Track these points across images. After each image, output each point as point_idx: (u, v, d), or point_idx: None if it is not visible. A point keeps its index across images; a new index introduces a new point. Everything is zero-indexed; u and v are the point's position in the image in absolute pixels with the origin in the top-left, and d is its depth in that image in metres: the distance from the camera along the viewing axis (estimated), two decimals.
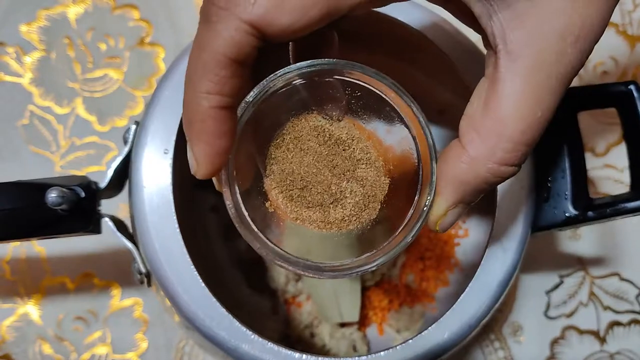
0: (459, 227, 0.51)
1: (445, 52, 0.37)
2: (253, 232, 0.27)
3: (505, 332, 0.52)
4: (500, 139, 0.25)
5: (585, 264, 0.53)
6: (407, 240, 0.27)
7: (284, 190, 0.28)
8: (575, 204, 0.37)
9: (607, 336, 0.52)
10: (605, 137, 0.56)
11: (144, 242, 0.35)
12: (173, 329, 0.51)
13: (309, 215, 0.28)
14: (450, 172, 0.26)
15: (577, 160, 0.37)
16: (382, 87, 0.27)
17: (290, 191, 0.28)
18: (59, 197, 0.32)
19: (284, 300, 0.50)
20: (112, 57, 0.54)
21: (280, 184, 0.28)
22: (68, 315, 0.51)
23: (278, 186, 0.28)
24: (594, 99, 0.38)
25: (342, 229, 0.28)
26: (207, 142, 0.24)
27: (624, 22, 0.57)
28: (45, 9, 0.55)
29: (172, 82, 0.36)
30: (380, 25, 0.38)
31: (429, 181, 0.27)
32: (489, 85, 0.25)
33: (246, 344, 0.33)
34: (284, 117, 0.28)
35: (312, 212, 0.28)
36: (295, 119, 0.28)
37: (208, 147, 0.24)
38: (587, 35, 0.24)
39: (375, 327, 0.50)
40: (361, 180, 0.28)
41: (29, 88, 0.54)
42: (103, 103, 0.54)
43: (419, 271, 0.50)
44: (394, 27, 0.38)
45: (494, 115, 0.25)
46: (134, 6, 0.55)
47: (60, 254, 0.51)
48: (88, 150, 0.53)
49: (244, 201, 0.27)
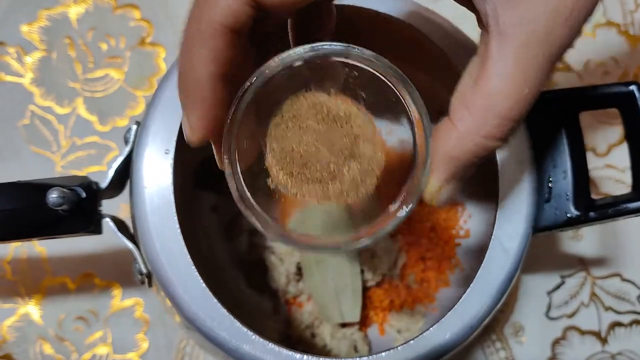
0: (460, 228, 0.51)
1: (445, 51, 0.37)
2: (254, 211, 0.28)
3: (506, 333, 0.52)
4: (488, 115, 0.26)
5: (586, 264, 0.53)
6: (401, 215, 0.28)
7: (284, 167, 0.28)
8: (576, 205, 0.37)
9: (609, 337, 0.52)
10: (606, 136, 0.55)
11: (144, 242, 0.35)
12: (174, 329, 0.51)
13: (308, 190, 0.29)
14: (441, 148, 0.27)
15: (578, 161, 0.37)
16: (380, 70, 0.27)
17: (290, 169, 0.28)
18: (60, 197, 0.32)
19: (285, 300, 0.50)
20: (113, 57, 0.54)
21: (281, 162, 0.28)
22: (69, 315, 0.51)
23: (278, 163, 0.28)
24: (595, 99, 0.38)
25: (340, 202, 0.29)
26: (201, 110, 0.25)
27: (625, 22, 0.57)
28: (46, 9, 0.55)
29: (173, 83, 0.36)
30: (379, 23, 0.38)
31: (424, 159, 0.28)
32: (479, 64, 0.26)
33: (247, 345, 0.33)
34: (283, 96, 0.29)
35: (311, 187, 0.29)
36: (294, 97, 0.28)
37: (202, 114, 0.25)
38: (578, 15, 0.26)
39: (376, 327, 0.50)
40: (359, 157, 0.29)
41: (30, 88, 0.53)
42: (104, 103, 0.54)
43: (420, 271, 0.50)
44: (393, 25, 0.38)
45: (484, 92, 0.26)
46: (135, 6, 0.55)
47: (61, 254, 0.51)
48: (89, 150, 0.53)
49: (246, 181, 0.28)
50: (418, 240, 0.50)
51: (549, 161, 0.37)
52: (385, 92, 0.28)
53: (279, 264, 0.48)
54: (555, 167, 0.37)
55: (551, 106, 0.38)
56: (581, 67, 0.56)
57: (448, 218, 0.51)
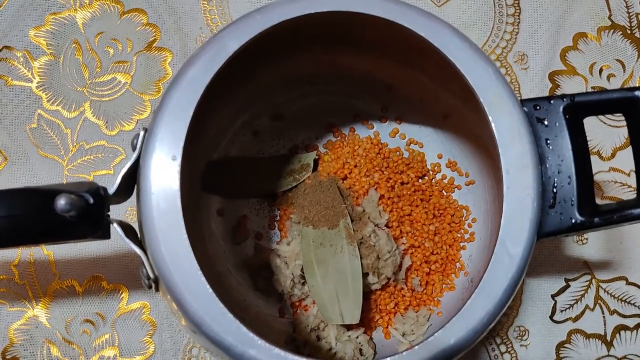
0: (465, 231, 0.51)
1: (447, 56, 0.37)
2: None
3: (511, 336, 0.52)
4: None
5: (591, 267, 0.53)
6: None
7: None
8: (581, 210, 0.37)
9: (614, 340, 0.52)
10: (611, 140, 0.55)
11: (151, 247, 0.35)
12: (180, 332, 0.51)
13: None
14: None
15: (583, 166, 0.37)
16: None
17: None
18: (68, 204, 0.33)
19: (291, 303, 0.50)
20: (120, 61, 0.55)
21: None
22: (76, 318, 0.51)
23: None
24: (600, 104, 0.38)
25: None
26: None
27: (631, 25, 0.57)
28: (53, 14, 0.55)
29: (180, 88, 0.36)
30: (384, 31, 0.39)
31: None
32: None
33: (253, 349, 0.34)
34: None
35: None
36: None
37: None
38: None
39: (381, 330, 0.50)
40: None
41: (37, 92, 0.54)
42: (111, 107, 0.54)
43: (425, 275, 0.50)
44: (397, 32, 0.38)
45: None
46: (142, 10, 0.55)
47: (69, 257, 0.52)
48: (96, 154, 0.53)
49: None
50: (423, 243, 0.50)
51: (554, 166, 0.37)
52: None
53: (284, 267, 0.49)
54: (560, 172, 0.37)
55: (556, 111, 0.38)
56: (586, 70, 0.56)
57: (453, 222, 0.51)
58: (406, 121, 0.53)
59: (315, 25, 0.38)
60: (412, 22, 0.37)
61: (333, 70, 0.49)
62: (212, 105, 0.44)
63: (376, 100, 0.53)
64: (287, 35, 0.39)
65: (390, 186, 0.51)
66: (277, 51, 0.43)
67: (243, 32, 0.37)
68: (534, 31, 0.57)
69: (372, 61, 0.48)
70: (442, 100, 0.47)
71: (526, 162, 0.36)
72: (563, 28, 0.57)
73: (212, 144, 0.50)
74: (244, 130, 0.52)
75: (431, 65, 0.42)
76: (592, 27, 0.56)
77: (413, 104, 0.51)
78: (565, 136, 0.38)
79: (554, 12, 0.57)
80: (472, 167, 0.51)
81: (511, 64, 0.56)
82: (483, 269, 0.36)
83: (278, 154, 0.53)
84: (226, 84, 0.41)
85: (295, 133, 0.53)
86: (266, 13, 0.37)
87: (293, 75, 0.49)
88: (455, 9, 0.56)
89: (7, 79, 0.54)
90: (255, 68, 0.45)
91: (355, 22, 0.39)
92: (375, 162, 0.51)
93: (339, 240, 0.47)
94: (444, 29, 0.38)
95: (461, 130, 0.50)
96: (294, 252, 0.48)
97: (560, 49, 0.57)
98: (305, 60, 0.47)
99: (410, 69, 0.46)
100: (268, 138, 0.53)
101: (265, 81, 0.48)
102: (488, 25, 0.56)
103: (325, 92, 0.52)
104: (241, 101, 0.49)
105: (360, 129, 0.53)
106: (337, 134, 0.53)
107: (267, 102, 0.52)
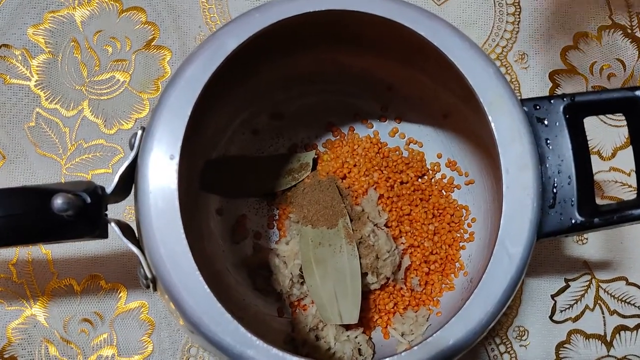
0: (465, 231, 0.51)
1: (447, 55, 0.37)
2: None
3: (510, 336, 0.52)
4: None
5: (591, 267, 0.53)
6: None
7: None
8: (581, 211, 0.37)
9: (614, 341, 0.52)
10: (612, 139, 0.55)
11: (149, 247, 0.35)
12: (179, 332, 0.51)
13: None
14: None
15: (583, 166, 0.37)
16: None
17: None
18: (65, 203, 0.32)
19: (289, 302, 0.50)
20: (119, 60, 0.54)
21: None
22: (74, 317, 0.51)
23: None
24: (600, 104, 0.38)
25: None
26: None
27: (632, 24, 0.57)
28: (52, 12, 0.55)
29: (178, 87, 0.36)
30: (384, 30, 0.38)
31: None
32: None
33: (251, 350, 0.33)
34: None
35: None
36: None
37: None
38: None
39: (380, 330, 0.50)
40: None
41: (36, 91, 0.54)
42: (109, 106, 0.54)
43: (424, 275, 0.50)
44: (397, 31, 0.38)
45: None
46: (141, 9, 0.55)
47: (67, 256, 0.52)
48: (94, 153, 0.53)
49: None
50: (422, 243, 0.50)
51: (554, 166, 0.37)
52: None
53: (283, 266, 0.48)
54: (560, 172, 0.37)
55: (556, 111, 0.38)
56: (587, 69, 0.56)
57: (452, 221, 0.51)
58: (406, 120, 0.53)
59: (315, 23, 0.38)
60: (412, 21, 0.37)
61: (333, 69, 0.49)
62: (211, 104, 0.43)
63: (376, 100, 0.53)
64: (287, 34, 0.39)
65: (390, 186, 0.51)
66: (277, 49, 0.43)
67: (242, 30, 0.36)
68: (534, 30, 0.56)
69: (372, 60, 0.48)
70: (441, 100, 0.47)
71: (526, 162, 0.36)
72: (564, 27, 0.57)
73: (211, 142, 0.50)
74: (243, 129, 0.52)
75: (431, 64, 0.42)
76: (592, 27, 0.56)
77: (413, 103, 0.51)
78: (566, 136, 0.38)
79: (555, 12, 0.57)
80: (471, 167, 0.51)
81: (511, 63, 0.56)
82: (482, 269, 0.36)
83: (277, 153, 0.52)
84: (225, 83, 0.41)
85: (294, 132, 0.53)
86: (265, 11, 0.37)
87: (293, 74, 0.49)
88: (455, 8, 0.55)
89: (6, 77, 0.54)
90: (254, 66, 0.44)
91: (354, 21, 0.38)
92: (375, 162, 0.51)
93: (338, 239, 0.47)
94: (444, 28, 0.38)
95: (461, 130, 0.50)
96: (292, 252, 0.48)
97: (560, 48, 0.56)
98: (306, 58, 0.47)
99: (410, 68, 0.46)
100: (267, 137, 0.53)
101: (265, 80, 0.48)
102: (488, 24, 0.55)
103: (325, 91, 0.52)
104: (240, 100, 0.49)
105: (359, 128, 0.53)
106: (336, 133, 0.53)
107: (266, 101, 0.51)
